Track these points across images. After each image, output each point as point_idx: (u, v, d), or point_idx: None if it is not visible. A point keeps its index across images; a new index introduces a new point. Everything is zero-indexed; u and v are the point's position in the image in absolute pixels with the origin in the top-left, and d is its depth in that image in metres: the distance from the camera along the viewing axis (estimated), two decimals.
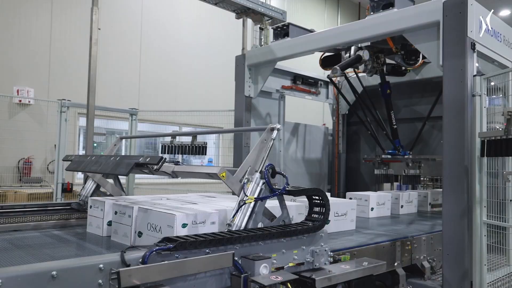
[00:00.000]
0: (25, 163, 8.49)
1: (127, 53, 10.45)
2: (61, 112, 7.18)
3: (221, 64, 11.60)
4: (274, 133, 2.67)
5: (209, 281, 2.07)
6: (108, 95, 9.05)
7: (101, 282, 1.72)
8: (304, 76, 6.32)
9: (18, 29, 8.81)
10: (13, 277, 1.52)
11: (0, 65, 8.52)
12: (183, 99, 11.16)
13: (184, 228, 2.40)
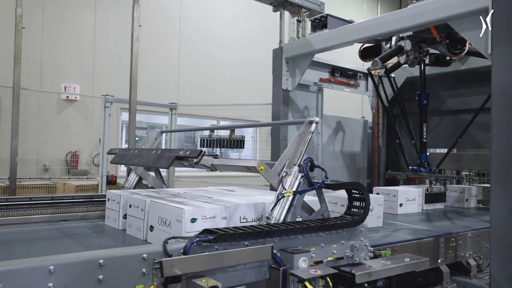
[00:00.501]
0: (73, 156, 8.91)
1: (166, 49, 10.68)
2: (105, 107, 7.47)
3: (258, 57, 11.60)
4: (312, 126, 2.64)
5: (248, 273, 2.09)
6: (149, 90, 9.30)
7: (144, 271, 1.78)
8: (343, 68, 6.20)
9: (65, 29, 9.21)
10: (64, 264, 1.61)
11: (48, 63, 8.95)
12: (221, 93, 11.28)
13: (193, 223, 2.35)
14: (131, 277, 1.75)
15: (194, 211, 2.36)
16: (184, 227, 2.31)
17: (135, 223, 2.80)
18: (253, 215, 2.66)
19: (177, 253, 1.87)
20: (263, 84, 10.51)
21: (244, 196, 3.05)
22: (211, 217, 2.43)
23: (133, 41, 4.97)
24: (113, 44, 9.61)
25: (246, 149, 8.20)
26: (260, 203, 2.71)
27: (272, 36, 7.57)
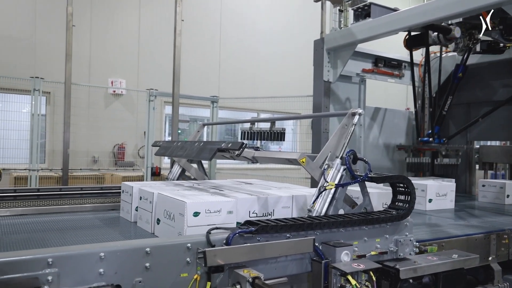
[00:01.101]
0: (119, 148, 9.27)
1: (207, 42, 10.81)
2: (149, 101, 7.69)
3: (299, 49, 11.49)
4: (355, 118, 2.59)
5: (290, 265, 2.09)
6: (191, 84, 9.47)
7: (188, 260, 1.83)
8: (387, 58, 6.01)
9: (111, 26, 9.55)
10: (114, 252, 1.68)
11: (97, 59, 9.33)
12: (261, 85, 11.29)
13: (196, 217, 2.23)
14: (176, 265, 1.80)
15: (197, 204, 2.25)
16: (186, 221, 2.20)
17: (145, 215, 2.74)
18: (267, 210, 2.54)
19: (219, 243, 1.90)
20: (303, 76, 10.42)
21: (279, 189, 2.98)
22: (215, 211, 2.31)
23: (176, 35, 5.07)
24: (157, 39, 9.85)
25: (286, 141, 8.18)
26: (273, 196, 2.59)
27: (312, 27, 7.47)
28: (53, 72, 7.93)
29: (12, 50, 8.42)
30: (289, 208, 2.63)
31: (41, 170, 7.38)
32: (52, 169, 7.92)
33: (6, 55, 8.32)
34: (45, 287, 1.51)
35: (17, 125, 8.14)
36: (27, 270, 1.52)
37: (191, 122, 10.25)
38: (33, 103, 7.20)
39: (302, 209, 2.63)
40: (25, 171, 7.23)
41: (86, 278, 1.62)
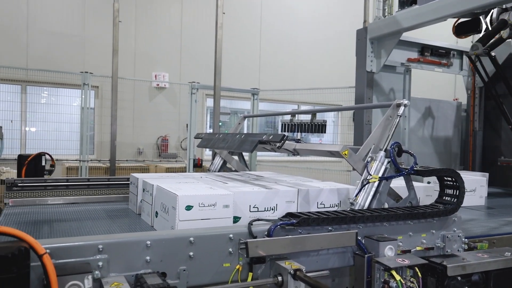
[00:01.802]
0: (163, 140, 9.53)
1: (248, 34, 10.83)
2: (191, 94, 7.83)
3: (340, 39, 11.26)
4: (400, 109, 2.51)
5: (332, 259, 2.07)
6: (232, 77, 9.54)
7: (231, 251, 1.86)
8: (434, 46, 5.76)
9: (155, 21, 9.78)
10: (159, 240, 1.74)
11: (141, 53, 9.60)
12: (301, 77, 11.19)
13: (189, 210, 2.10)
14: (219, 255, 1.84)
15: (190, 197, 2.11)
16: (178, 215, 2.08)
17: (146, 208, 2.65)
18: (269, 204, 2.40)
19: (261, 235, 1.92)
20: (345, 67, 10.20)
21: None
22: (210, 205, 2.16)
23: (217, 28, 5.11)
24: (198, 32, 9.99)
25: (327, 133, 8.08)
26: (276, 191, 2.44)
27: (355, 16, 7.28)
28: (101, 67, 8.26)
29: (63, 46, 8.83)
30: (294, 203, 2.47)
31: (90, 161, 7.74)
32: (101, 160, 8.29)
33: (57, 51, 8.75)
34: (96, 272, 1.59)
35: (68, 118, 8.57)
36: (80, 256, 1.60)
37: (232, 115, 10.35)
38: (83, 97, 7.53)
39: (308, 204, 2.49)
40: (76, 161, 7.60)
41: (134, 265, 1.68)
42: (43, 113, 8.54)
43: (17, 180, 3.24)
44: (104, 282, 1.57)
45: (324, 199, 2.55)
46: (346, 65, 10.02)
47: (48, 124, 8.39)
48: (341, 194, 2.60)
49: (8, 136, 7.64)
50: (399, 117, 2.50)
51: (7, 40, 8.31)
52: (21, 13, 8.49)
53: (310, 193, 2.51)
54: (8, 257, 1.32)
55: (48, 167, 4.82)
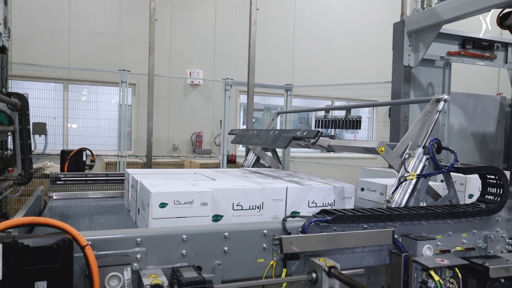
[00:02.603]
0: (197, 136, 9.67)
1: (281, 30, 10.78)
2: (225, 90, 7.89)
3: (376, 34, 11.01)
4: (440, 104, 2.42)
5: (367, 257, 2.04)
6: (265, 73, 9.54)
7: (265, 246, 1.87)
8: (476, 38, 5.52)
9: (189, 18, 9.91)
10: (195, 234, 1.77)
11: (176, 51, 9.77)
12: (335, 73, 11.04)
13: (163, 208, 2.01)
14: (253, 251, 1.85)
15: (164, 194, 2.01)
16: (151, 213, 1.99)
17: (132, 204, 2.58)
18: (255, 202, 2.26)
19: (295, 231, 1.91)
20: (381, 62, 9.97)
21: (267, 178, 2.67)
22: (186, 203, 2.05)
23: (251, 24, 5.12)
24: (232, 29, 10.04)
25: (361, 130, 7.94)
26: (262, 188, 2.30)
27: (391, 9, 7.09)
28: (138, 65, 8.47)
29: (101, 45, 9.12)
30: (282, 201, 2.32)
31: (128, 156, 7.97)
32: (138, 156, 8.52)
33: (96, 50, 9.04)
34: (135, 264, 1.64)
35: (107, 115, 8.86)
36: (119, 248, 1.65)
37: (265, 111, 10.35)
38: (121, 94, 7.76)
39: (298, 202, 2.35)
40: (114, 157, 7.86)
41: (170, 258, 1.72)
42: (83, 110, 8.87)
43: (60, 175, 3.39)
44: (142, 274, 1.61)
45: (316, 198, 2.39)
46: (382, 60, 9.80)
47: (88, 120, 8.71)
48: (335, 192, 2.46)
49: (52, 133, 7.98)
50: (438, 112, 2.42)
51: (50, 41, 8.68)
52: (63, 14, 8.84)
53: (301, 191, 2.37)
54: (53, 247, 1.38)
55: (88, 162, 5.01)
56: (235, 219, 2.19)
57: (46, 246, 1.38)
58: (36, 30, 8.50)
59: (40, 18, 8.58)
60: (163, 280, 1.56)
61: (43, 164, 7.16)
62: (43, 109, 8.06)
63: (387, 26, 5.21)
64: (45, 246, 1.38)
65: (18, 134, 3.00)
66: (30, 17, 8.40)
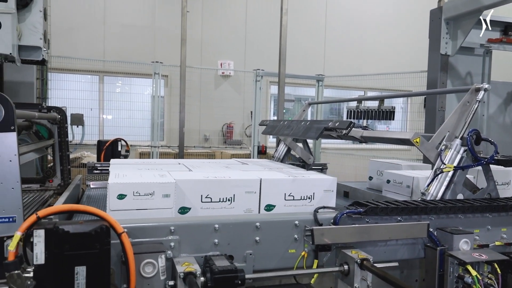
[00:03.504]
0: (228, 127, 9.74)
1: (313, 19, 10.63)
2: (256, 81, 7.88)
3: (411, 21, 10.67)
4: (480, 94, 2.32)
5: (400, 250, 2.00)
6: (296, 63, 9.45)
7: (296, 237, 1.87)
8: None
9: (220, 9, 9.93)
10: (227, 224, 1.79)
11: (207, 42, 9.83)
12: (368, 62, 10.80)
13: (122, 199, 1.91)
14: (284, 241, 1.85)
15: (122, 185, 1.92)
16: (109, 205, 1.91)
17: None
18: (225, 194, 2.12)
19: (327, 222, 1.90)
20: (415, 50, 9.68)
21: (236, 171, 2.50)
22: (146, 194, 1.96)
23: (282, 14, 5.07)
24: (263, 20, 9.99)
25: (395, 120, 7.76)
26: (234, 180, 2.15)
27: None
28: (170, 56, 8.59)
29: (135, 37, 9.30)
30: (255, 194, 2.17)
31: (160, 147, 8.14)
32: (170, 146, 8.68)
33: (130, 43, 9.23)
34: (169, 252, 1.68)
35: (140, 106, 9.06)
36: (154, 236, 1.70)
37: (296, 102, 10.28)
38: (154, 86, 7.90)
39: (273, 195, 2.19)
40: (148, 147, 8.04)
41: (203, 246, 1.75)
42: (118, 101, 9.11)
43: (96, 164, 3.50)
44: (175, 261, 1.65)
45: (294, 191, 2.23)
46: (417, 49, 9.50)
47: (122, 111, 8.94)
48: (314, 185, 2.29)
49: (89, 123, 8.26)
50: (478, 102, 2.32)
51: (87, 34, 8.93)
52: (98, 7, 9.06)
53: (277, 183, 2.21)
54: (92, 234, 1.44)
55: (123, 152, 5.15)
56: (203, 211, 2.06)
57: (85, 233, 1.44)
58: (73, 24, 8.76)
59: (77, 12, 8.84)
60: (196, 268, 1.59)
61: (80, 154, 7.43)
62: (80, 101, 8.34)
63: (423, 13, 5.03)
64: (84, 233, 1.44)
65: (58, 146, 3.15)
66: (68, 11, 8.66)
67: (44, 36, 2.75)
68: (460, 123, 2.34)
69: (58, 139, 3.18)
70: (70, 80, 8.35)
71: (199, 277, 1.56)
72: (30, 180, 3.23)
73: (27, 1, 2.60)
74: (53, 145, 3.18)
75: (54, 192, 3.05)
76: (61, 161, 3.20)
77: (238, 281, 1.59)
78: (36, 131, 3.15)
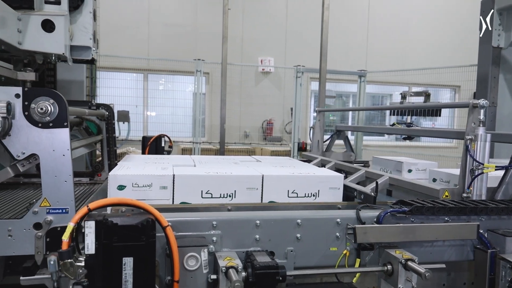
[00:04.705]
0: (268, 124, 9.76)
1: (355, 13, 10.41)
2: (296, 78, 7.84)
3: (459, 12, 10.20)
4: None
5: (448, 251, 1.93)
6: (337, 59, 9.29)
7: (338, 235, 1.84)
8: None
9: (261, 6, 9.94)
10: (268, 220, 1.80)
11: (248, 39, 9.88)
12: (412, 57, 10.44)
13: (121, 190, 1.99)
14: (326, 239, 1.84)
15: (122, 177, 2.01)
16: (109, 195, 2.00)
17: None
18: (226, 190, 2.12)
19: (370, 221, 1.86)
20: (463, 43, 9.25)
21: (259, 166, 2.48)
22: (145, 186, 2.03)
23: (324, 9, 5.00)
24: (303, 15, 9.90)
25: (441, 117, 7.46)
26: (238, 176, 2.15)
27: None
28: (211, 54, 8.70)
29: (177, 36, 9.51)
30: (257, 190, 2.15)
31: (202, 143, 8.29)
32: (211, 142, 8.82)
33: (172, 41, 9.45)
34: (211, 246, 1.71)
35: (182, 103, 9.27)
36: (196, 230, 1.74)
37: (337, 98, 10.12)
38: (196, 83, 8.05)
39: (275, 192, 2.17)
40: (190, 143, 8.21)
41: (244, 242, 1.77)
42: (161, 98, 9.37)
43: None
44: (218, 256, 1.68)
45: (297, 187, 2.19)
46: (465, 41, 9.07)
47: (165, 108, 9.18)
48: (319, 182, 2.23)
49: (134, 120, 8.55)
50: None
51: (132, 34, 9.23)
52: (143, 8, 9.34)
53: (280, 180, 2.18)
54: (138, 226, 1.49)
55: (166, 148, 5.29)
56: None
57: (132, 225, 1.49)
58: (120, 24, 9.07)
59: (123, 13, 9.15)
60: (238, 263, 1.61)
61: (126, 149, 7.71)
62: (126, 98, 8.64)
63: (473, 3, 4.78)
64: (132, 225, 1.49)
65: (106, 142, 3.30)
66: (115, 12, 8.99)
67: (93, 36, 2.87)
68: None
69: (106, 134, 3.32)
70: (117, 78, 8.68)
71: (240, 272, 1.58)
72: (81, 174, 3.39)
73: (78, 3, 2.72)
74: (102, 140, 3.32)
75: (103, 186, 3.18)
76: (109, 156, 3.34)
77: (279, 277, 1.60)
78: (86, 127, 3.30)
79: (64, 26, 2.57)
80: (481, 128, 2.07)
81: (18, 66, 2.81)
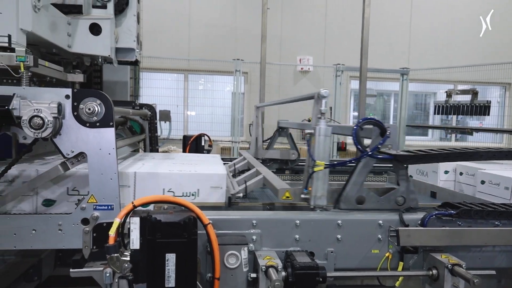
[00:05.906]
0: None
1: (397, 10, 10.12)
2: (336, 76, 7.73)
3: (508, 7, 9.67)
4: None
5: (498, 257, 1.84)
6: (378, 57, 9.06)
7: (380, 237, 1.80)
8: None
9: (299, 4, 9.87)
10: (307, 221, 1.78)
11: (286, 38, 9.84)
12: (458, 52, 10.01)
13: None
14: (367, 241, 1.80)
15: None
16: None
17: None
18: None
19: (413, 223, 1.81)
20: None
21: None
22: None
23: (365, 6, 4.89)
24: (343, 13, 9.74)
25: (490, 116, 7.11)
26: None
27: None
28: (250, 54, 8.74)
29: (217, 36, 9.62)
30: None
31: (241, 142, 8.35)
32: (249, 142, 8.86)
33: (212, 41, 9.57)
34: (251, 245, 1.72)
35: (221, 102, 9.38)
36: (236, 229, 1.75)
37: (378, 97, 9.88)
38: (235, 82, 8.12)
39: (148, 190, 2.10)
40: (229, 142, 8.30)
41: (284, 241, 1.77)
42: (201, 98, 9.52)
43: None
44: (257, 255, 1.69)
45: (173, 185, 2.11)
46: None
47: (204, 108, 9.33)
48: (199, 181, 2.13)
49: (175, 119, 8.75)
50: None
51: (173, 35, 9.44)
52: (184, 10, 9.53)
53: (154, 178, 2.12)
54: (181, 224, 1.53)
55: (206, 147, 5.38)
56: None
57: (175, 222, 1.53)
58: (162, 26, 9.31)
59: (165, 15, 9.38)
60: (278, 263, 1.61)
61: (167, 148, 7.90)
62: (167, 98, 8.86)
63: None
64: (174, 222, 1.53)
65: (148, 141, 3.40)
66: (157, 15, 9.23)
67: (137, 38, 2.96)
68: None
69: (149, 134, 3.42)
70: (159, 79, 8.92)
71: (280, 272, 1.58)
72: None
73: (123, 7, 2.82)
74: (144, 139, 3.42)
75: None
76: None
77: (319, 278, 1.58)
78: (130, 126, 3.41)
79: (110, 29, 2.67)
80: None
81: (67, 68, 2.95)
